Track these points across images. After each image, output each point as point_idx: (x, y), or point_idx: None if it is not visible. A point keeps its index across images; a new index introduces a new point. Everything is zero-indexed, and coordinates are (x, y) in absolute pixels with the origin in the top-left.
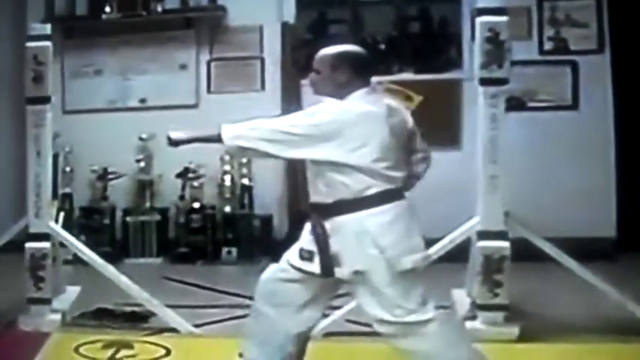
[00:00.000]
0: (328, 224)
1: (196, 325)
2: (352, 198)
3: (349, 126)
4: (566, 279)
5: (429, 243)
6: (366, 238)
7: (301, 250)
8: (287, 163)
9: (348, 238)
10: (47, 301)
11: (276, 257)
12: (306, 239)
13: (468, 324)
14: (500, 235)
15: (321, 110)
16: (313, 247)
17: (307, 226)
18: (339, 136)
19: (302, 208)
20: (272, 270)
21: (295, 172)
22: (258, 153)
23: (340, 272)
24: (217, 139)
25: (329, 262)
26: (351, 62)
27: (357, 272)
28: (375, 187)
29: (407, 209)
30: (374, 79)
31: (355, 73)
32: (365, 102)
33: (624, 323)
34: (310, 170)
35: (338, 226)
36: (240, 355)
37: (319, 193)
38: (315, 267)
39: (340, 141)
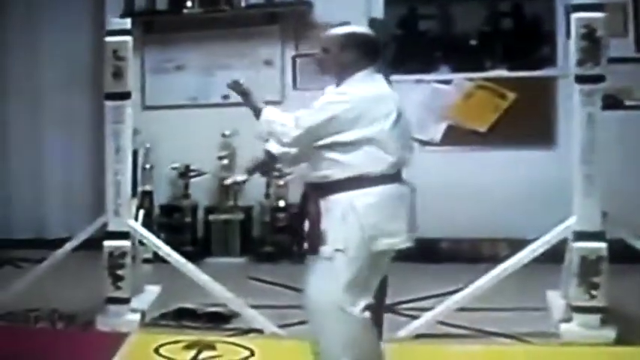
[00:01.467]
0: (323, 203)
1: (281, 326)
2: (346, 178)
3: (362, 112)
4: None
5: (524, 243)
6: (351, 217)
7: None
8: None
9: (336, 216)
10: (126, 301)
11: None
12: (306, 223)
13: (564, 326)
14: (597, 236)
15: (332, 101)
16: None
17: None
18: (356, 123)
19: None
20: None
21: None
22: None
23: (324, 250)
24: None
25: (316, 239)
26: (359, 43)
27: (337, 250)
28: (371, 169)
29: (398, 194)
30: (464, 75)
31: (362, 54)
32: (369, 84)
33: None
34: (312, 152)
35: (331, 204)
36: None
37: (318, 173)
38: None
39: (358, 126)
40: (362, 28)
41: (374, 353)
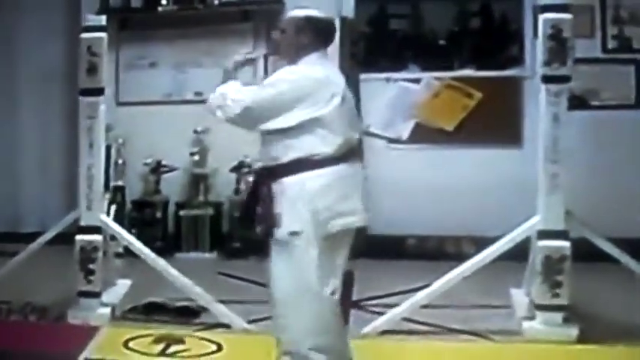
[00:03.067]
0: (275, 186)
1: (249, 321)
2: (296, 159)
3: (311, 91)
4: (627, 280)
5: (489, 241)
6: (304, 199)
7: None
8: None
9: (290, 199)
10: (97, 295)
11: None
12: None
13: (527, 324)
14: (560, 235)
15: (281, 79)
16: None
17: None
18: (303, 101)
19: None
20: None
21: None
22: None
23: (278, 233)
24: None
25: (270, 222)
26: (315, 26)
27: (292, 233)
28: (320, 150)
29: (350, 174)
30: (432, 74)
31: (317, 37)
32: (320, 64)
33: None
34: (262, 136)
35: (284, 187)
36: None
37: (270, 157)
38: (261, 230)
39: (305, 103)
40: (318, 12)
41: (341, 340)
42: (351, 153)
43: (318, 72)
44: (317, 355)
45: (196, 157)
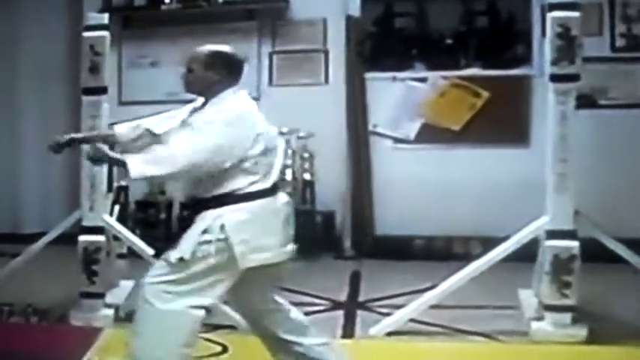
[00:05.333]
0: (197, 218)
1: None
2: (216, 195)
3: (239, 127)
4: (636, 280)
5: (497, 242)
6: (216, 232)
7: None
8: (350, 160)
9: (198, 229)
10: (100, 296)
11: (337, 254)
12: None
13: (535, 325)
14: (569, 235)
15: (213, 120)
16: None
17: None
18: (236, 141)
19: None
20: None
21: (359, 168)
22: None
23: (169, 254)
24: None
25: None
26: (223, 62)
27: (180, 259)
28: (243, 186)
29: (272, 209)
30: (439, 73)
31: (227, 72)
32: (239, 101)
33: None
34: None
35: (200, 218)
36: None
37: (193, 192)
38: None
39: (238, 145)
40: (225, 47)
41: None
42: (274, 187)
43: (246, 108)
44: None
45: None
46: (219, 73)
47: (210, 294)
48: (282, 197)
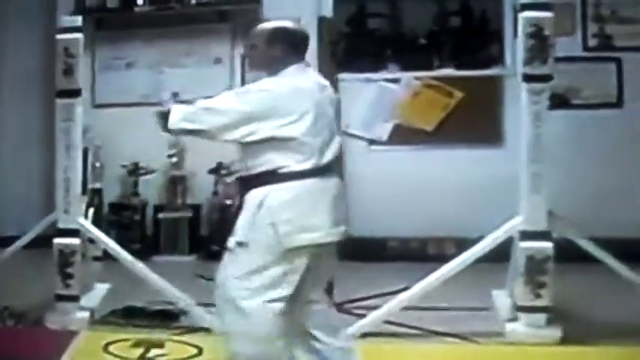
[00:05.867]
0: (246, 197)
1: None
2: (264, 172)
3: (280, 101)
4: (610, 280)
5: (471, 242)
6: (262, 212)
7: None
8: None
9: (249, 210)
10: (75, 299)
11: None
12: None
13: (509, 326)
14: (543, 236)
15: (252, 89)
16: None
17: None
18: (272, 114)
19: None
20: None
21: None
22: (201, 134)
23: (229, 241)
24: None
25: (228, 231)
26: (286, 38)
27: (240, 243)
28: (287, 164)
29: (319, 188)
30: (412, 74)
31: (290, 48)
32: (296, 77)
33: None
34: (238, 147)
35: (248, 199)
36: None
37: (244, 167)
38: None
39: (273, 118)
40: (289, 23)
41: (273, 348)
42: (324, 168)
43: (296, 84)
44: None
45: (174, 159)
46: (282, 49)
47: (284, 284)
48: (331, 179)
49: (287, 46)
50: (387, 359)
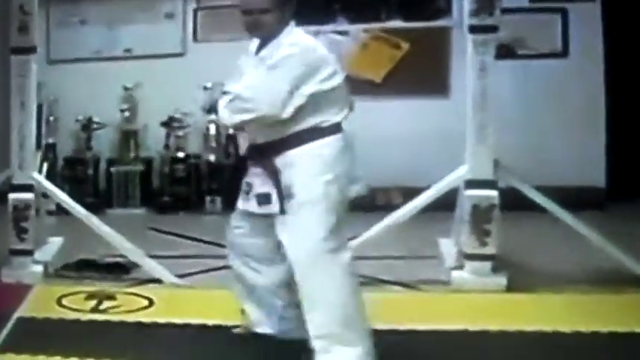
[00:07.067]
0: (279, 160)
1: (179, 276)
2: (308, 129)
3: (311, 59)
4: (555, 229)
5: (418, 192)
6: (321, 166)
7: (258, 196)
8: None
9: (303, 168)
10: (30, 253)
11: None
12: (256, 184)
13: (455, 274)
14: (488, 184)
15: (279, 62)
16: (267, 189)
17: (252, 171)
18: (311, 72)
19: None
20: (233, 232)
21: None
22: (262, 119)
23: (293, 204)
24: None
25: (280, 196)
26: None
27: (308, 202)
28: (328, 118)
29: (348, 142)
30: (360, 26)
31: (293, 9)
32: (298, 34)
33: (613, 273)
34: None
35: (291, 159)
36: (242, 311)
37: (272, 131)
38: (274, 207)
39: (313, 75)
40: None
41: (361, 304)
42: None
43: (307, 39)
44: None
45: (126, 114)
46: (290, 11)
47: (342, 233)
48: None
49: (291, 7)
50: None
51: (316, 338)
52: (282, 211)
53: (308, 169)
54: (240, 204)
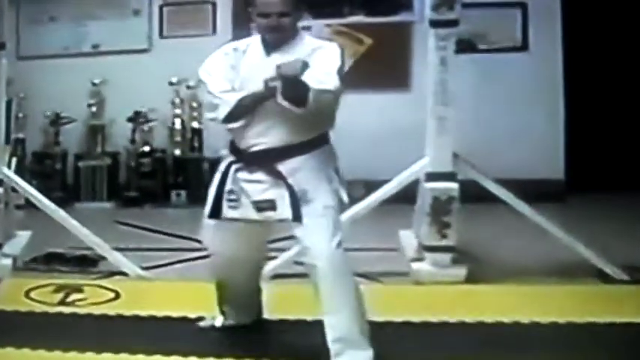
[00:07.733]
0: (283, 167)
1: (145, 268)
2: (315, 136)
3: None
4: (514, 221)
5: (379, 185)
6: (328, 171)
7: (257, 203)
8: None
9: (312, 173)
10: None
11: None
12: (251, 191)
13: (415, 265)
14: (448, 177)
15: (330, 63)
16: (271, 195)
17: (238, 178)
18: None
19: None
20: (213, 232)
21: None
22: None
23: (312, 209)
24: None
25: (293, 203)
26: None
27: (327, 206)
28: (327, 125)
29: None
30: (323, 21)
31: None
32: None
33: (572, 265)
34: (272, 115)
35: (297, 165)
36: (223, 312)
37: (280, 137)
38: (280, 213)
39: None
40: None
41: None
42: None
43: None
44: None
45: (94, 109)
46: (302, 11)
47: None
48: None
49: (302, 7)
50: (295, 300)
51: (335, 341)
52: (297, 218)
53: (318, 174)
54: (228, 213)
